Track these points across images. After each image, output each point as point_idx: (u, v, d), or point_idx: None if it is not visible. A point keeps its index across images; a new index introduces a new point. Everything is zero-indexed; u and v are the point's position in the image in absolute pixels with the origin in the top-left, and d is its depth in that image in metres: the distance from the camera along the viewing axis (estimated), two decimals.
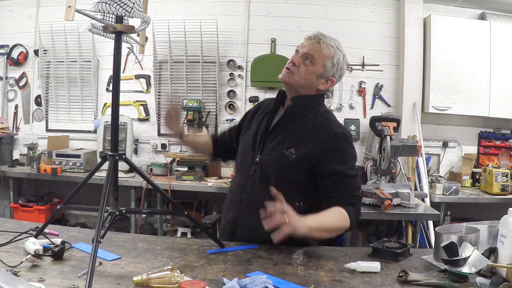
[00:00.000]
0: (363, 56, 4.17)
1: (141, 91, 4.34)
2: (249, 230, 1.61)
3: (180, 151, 4.14)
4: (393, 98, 4.21)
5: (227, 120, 4.26)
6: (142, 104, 4.33)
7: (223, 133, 1.96)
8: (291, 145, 1.59)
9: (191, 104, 3.77)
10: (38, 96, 4.44)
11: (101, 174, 3.10)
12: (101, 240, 1.20)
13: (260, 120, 1.74)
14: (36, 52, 4.35)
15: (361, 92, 4.20)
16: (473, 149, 4.28)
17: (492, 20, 4.04)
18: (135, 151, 4.29)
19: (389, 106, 4.21)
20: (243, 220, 1.65)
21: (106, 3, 1.28)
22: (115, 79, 1.40)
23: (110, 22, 1.37)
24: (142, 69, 4.32)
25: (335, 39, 1.65)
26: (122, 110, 2.86)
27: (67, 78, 4.32)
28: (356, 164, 1.68)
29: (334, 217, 1.49)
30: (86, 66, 4.29)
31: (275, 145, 1.63)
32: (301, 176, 1.60)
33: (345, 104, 4.21)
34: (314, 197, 1.62)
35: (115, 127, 1.38)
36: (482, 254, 1.33)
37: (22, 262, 1.26)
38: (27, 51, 4.41)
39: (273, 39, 4.17)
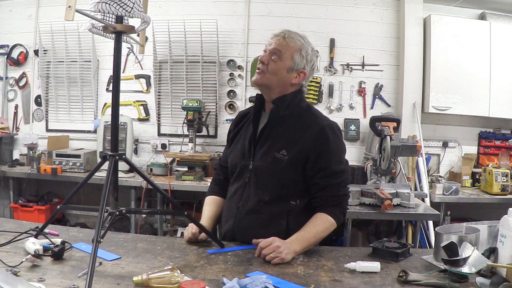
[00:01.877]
0: (363, 56, 4.17)
1: (141, 91, 4.34)
2: (247, 236, 1.60)
3: (180, 151, 4.14)
4: (393, 98, 4.21)
5: (227, 120, 4.26)
6: (142, 104, 4.33)
7: (224, 176, 1.86)
8: (281, 147, 1.59)
9: (191, 104, 3.77)
10: (38, 96, 4.44)
11: (101, 174, 3.10)
12: (101, 240, 1.20)
13: (245, 128, 1.75)
14: (36, 52, 4.35)
15: (361, 92, 4.20)
16: (473, 149, 4.28)
17: (492, 20, 4.04)
18: (135, 151, 4.29)
19: (389, 106, 4.21)
20: (241, 229, 1.65)
21: (106, 3, 1.28)
22: (115, 79, 1.40)
23: (110, 22, 1.37)
24: (142, 69, 4.32)
25: (302, 34, 1.68)
26: (122, 110, 2.87)
27: (67, 78, 4.32)
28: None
29: (319, 228, 1.56)
30: (86, 66, 4.28)
31: (266, 149, 1.63)
32: (295, 175, 1.60)
33: (345, 104, 4.20)
34: (309, 193, 1.64)
35: (115, 127, 1.38)
36: (482, 254, 1.34)
37: (22, 262, 1.26)
38: (27, 51, 4.41)
39: None
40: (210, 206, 1.82)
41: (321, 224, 1.56)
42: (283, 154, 1.58)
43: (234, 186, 1.73)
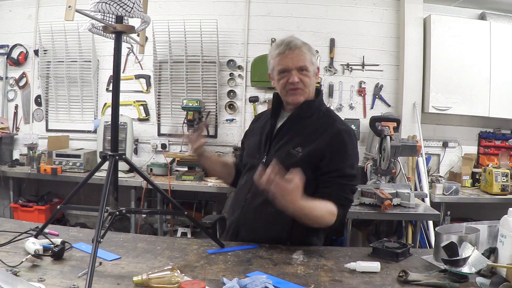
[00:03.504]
0: (363, 56, 4.17)
1: (141, 91, 4.34)
2: (252, 230, 1.63)
3: (180, 151, 4.14)
4: (393, 98, 4.21)
5: (227, 120, 4.26)
6: (142, 104, 4.33)
7: (241, 162, 1.91)
8: (297, 144, 1.62)
9: (191, 104, 3.78)
10: (38, 96, 4.44)
11: (101, 174, 3.10)
12: (101, 240, 1.20)
13: (263, 124, 1.79)
14: (36, 52, 4.35)
15: (361, 92, 4.20)
16: (473, 149, 4.28)
17: (492, 20, 4.04)
18: (135, 151, 4.29)
19: (389, 106, 4.20)
20: (246, 220, 1.66)
21: (106, 3, 1.28)
22: (115, 79, 1.40)
23: (110, 22, 1.37)
24: (142, 69, 4.32)
25: (290, 35, 1.69)
26: (122, 110, 2.86)
27: (67, 78, 4.32)
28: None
29: (322, 214, 1.53)
30: (86, 66, 4.29)
31: (282, 145, 1.66)
32: (307, 172, 1.57)
33: (345, 104, 4.20)
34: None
35: (115, 127, 1.38)
36: (482, 254, 1.34)
37: (22, 262, 1.26)
38: (27, 51, 4.41)
39: (273, 39, 4.16)
40: (226, 159, 1.95)
41: (326, 209, 1.53)
42: (297, 151, 1.60)
43: (244, 178, 1.75)
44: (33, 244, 1.34)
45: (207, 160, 1.84)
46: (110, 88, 2.77)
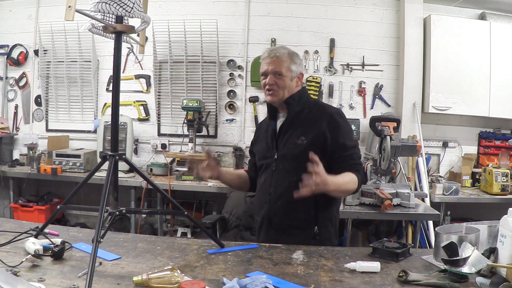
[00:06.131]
0: (363, 56, 4.17)
1: (141, 91, 4.34)
2: (284, 215, 1.82)
3: (180, 151, 4.14)
4: (393, 98, 4.20)
5: (227, 120, 4.26)
6: (142, 104, 4.33)
7: (251, 169, 2.11)
8: (300, 135, 1.84)
9: (191, 104, 3.77)
10: (38, 96, 4.44)
11: (101, 174, 3.11)
12: (101, 240, 1.20)
13: (265, 130, 2.01)
14: (36, 52, 4.35)
15: (361, 92, 4.20)
16: (473, 149, 4.27)
17: (492, 20, 4.04)
18: (135, 151, 4.29)
19: (389, 106, 4.20)
20: (277, 210, 1.84)
21: (106, 3, 1.28)
22: (115, 79, 1.40)
23: (110, 22, 1.38)
24: (142, 69, 4.32)
25: (282, 45, 1.99)
26: (122, 110, 2.87)
27: (67, 78, 4.32)
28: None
29: (348, 180, 1.76)
30: (86, 66, 4.29)
31: (287, 139, 1.87)
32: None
33: (345, 104, 4.20)
34: (328, 173, 1.75)
35: (115, 127, 1.38)
36: (482, 254, 1.34)
37: (22, 262, 1.26)
38: (27, 51, 4.41)
39: (273, 39, 4.17)
40: (239, 171, 2.24)
41: (349, 178, 1.75)
42: (302, 140, 1.83)
43: (263, 177, 1.95)
44: (33, 244, 1.34)
45: (225, 177, 2.01)
46: (110, 88, 2.77)
